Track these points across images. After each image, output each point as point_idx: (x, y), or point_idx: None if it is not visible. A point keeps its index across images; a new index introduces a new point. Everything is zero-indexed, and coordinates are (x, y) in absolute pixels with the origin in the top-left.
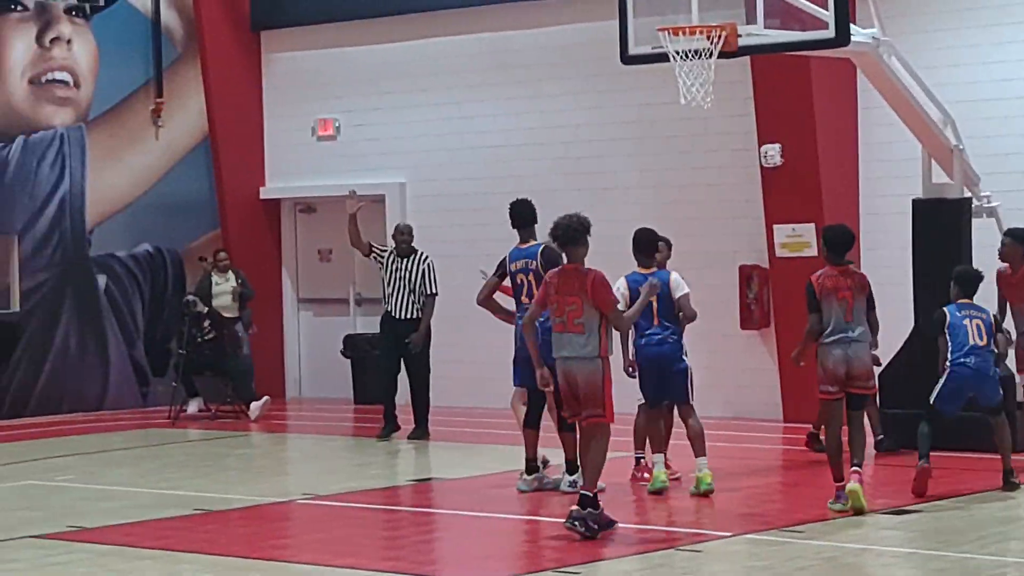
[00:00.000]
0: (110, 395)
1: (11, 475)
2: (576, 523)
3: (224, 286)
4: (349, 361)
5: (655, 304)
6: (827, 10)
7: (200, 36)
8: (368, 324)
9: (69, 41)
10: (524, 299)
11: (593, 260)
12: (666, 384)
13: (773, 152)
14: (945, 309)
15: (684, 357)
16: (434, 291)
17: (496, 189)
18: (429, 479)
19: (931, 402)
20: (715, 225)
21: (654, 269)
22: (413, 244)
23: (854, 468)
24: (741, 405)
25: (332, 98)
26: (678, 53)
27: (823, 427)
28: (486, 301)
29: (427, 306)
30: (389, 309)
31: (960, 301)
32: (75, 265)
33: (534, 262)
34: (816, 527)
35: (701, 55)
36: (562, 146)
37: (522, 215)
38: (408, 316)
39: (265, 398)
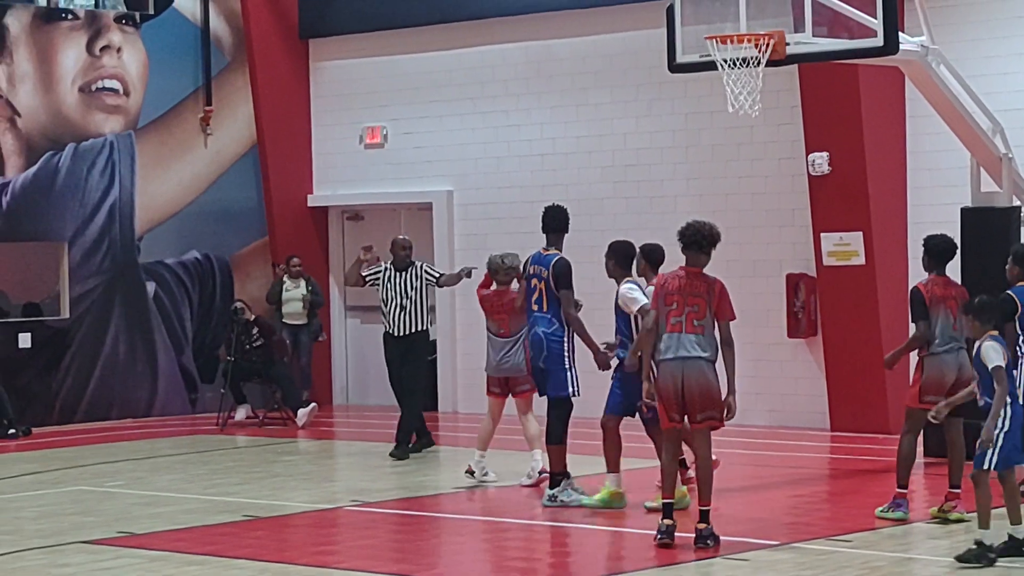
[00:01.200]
0: (159, 401)
1: (62, 480)
2: (708, 541)
3: (295, 292)
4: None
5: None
6: (875, 18)
7: (249, 45)
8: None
9: (119, 49)
10: (534, 306)
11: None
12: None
13: (821, 160)
14: (1012, 294)
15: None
16: (442, 272)
17: (543, 197)
18: (476, 486)
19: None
20: (762, 233)
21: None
22: (412, 258)
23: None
24: (787, 414)
25: (379, 106)
26: (726, 61)
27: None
28: (523, 307)
29: (446, 277)
30: (389, 329)
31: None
32: (124, 272)
33: (547, 271)
34: (863, 536)
35: (749, 63)
36: (609, 154)
37: (550, 222)
38: (409, 331)
39: (312, 405)
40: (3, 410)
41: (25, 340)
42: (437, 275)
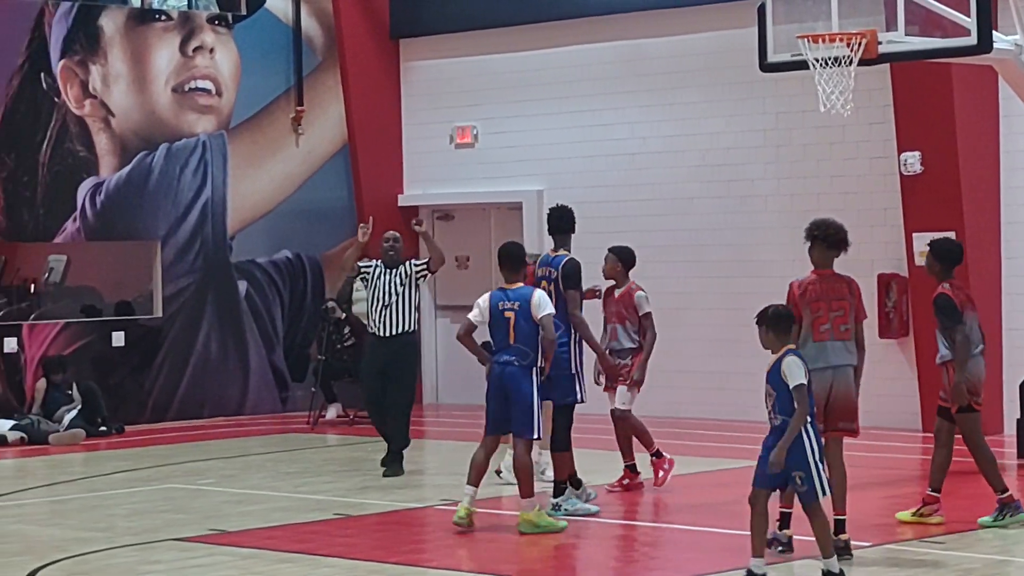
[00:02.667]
0: (250, 400)
1: (154, 478)
2: (846, 554)
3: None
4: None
5: (512, 324)
6: (969, 17)
7: (340, 44)
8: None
9: (212, 50)
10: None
11: (731, 268)
12: (509, 412)
13: (913, 160)
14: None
15: (533, 386)
16: (428, 259)
17: (633, 197)
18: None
19: None
20: (853, 233)
21: (519, 285)
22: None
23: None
24: (879, 415)
25: (470, 106)
26: (818, 61)
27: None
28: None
29: (434, 257)
30: (374, 329)
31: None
32: (216, 271)
33: (556, 272)
34: (957, 538)
35: (841, 63)
36: (699, 154)
37: (556, 223)
38: (397, 332)
39: None
40: (96, 408)
41: (118, 339)
42: (425, 262)
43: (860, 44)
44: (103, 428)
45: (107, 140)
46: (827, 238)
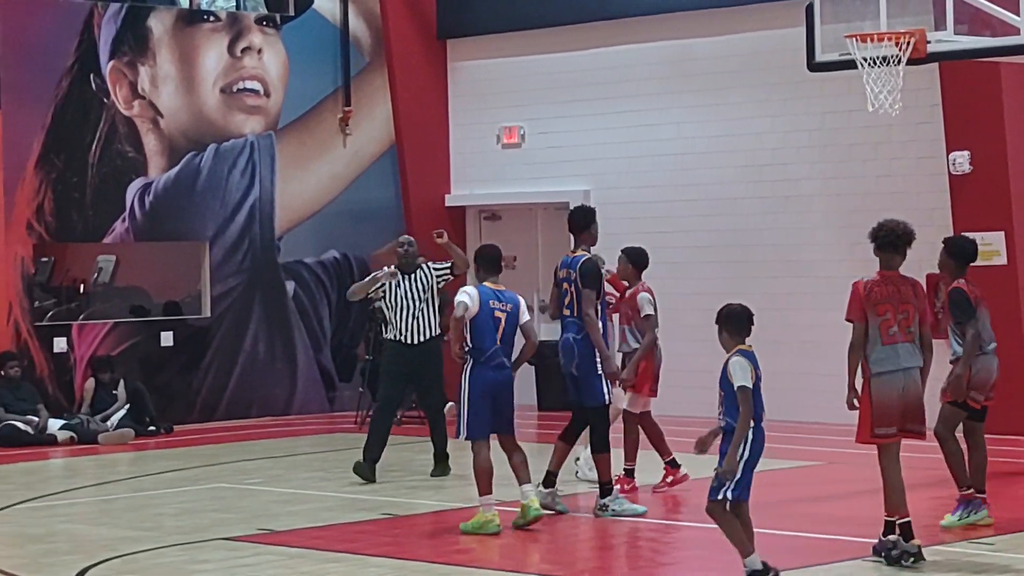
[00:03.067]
0: (297, 400)
1: (202, 478)
2: (893, 552)
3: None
4: (532, 368)
5: (502, 325)
6: (1018, 15)
7: (387, 45)
8: (550, 331)
9: (260, 51)
10: (565, 310)
11: (779, 267)
12: (499, 412)
13: (962, 159)
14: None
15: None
16: (451, 263)
17: (679, 197)
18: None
19: None
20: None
21: (502, 287)
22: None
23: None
24: (928, 415)
25: (516, 106)
26: (866, 60)
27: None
28: (555, 315)
29: (459, 259)
30: (398, 336)
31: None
32: (264, 271)
33: (574, 273)
34: (1006, 539)
35: (889, 62)
36: (745, 154)
37: (571, 222)
38: (424, 338)
39: (449, 404)
40: (144, 408)
41: (167, 339)
42: (448, 265)
43: (909, 43)
44: (152, 428)
45: (156, 141)
46: (895, 240)
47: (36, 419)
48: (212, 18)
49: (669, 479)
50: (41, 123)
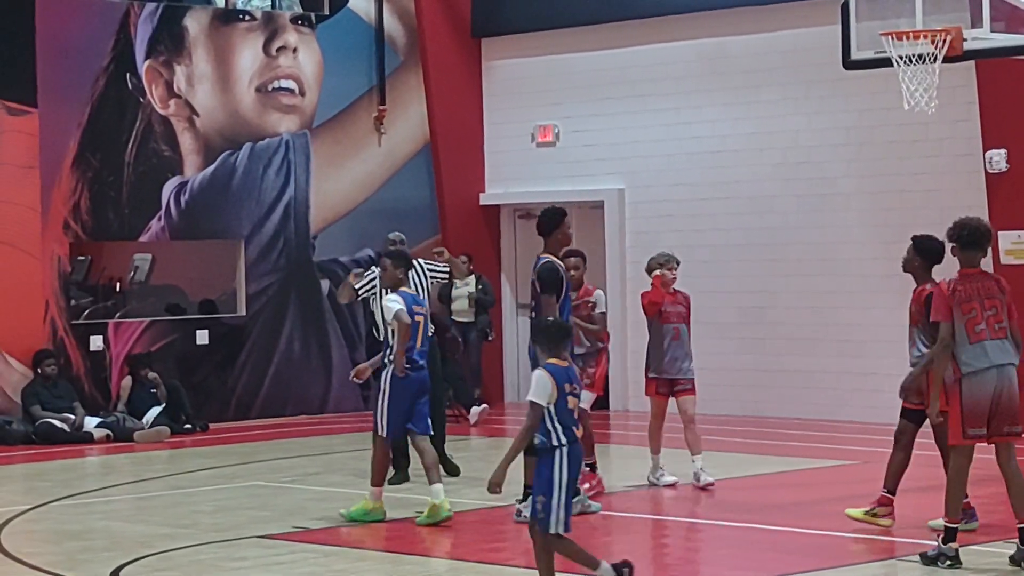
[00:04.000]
0: (332, 398)
1: (238, 475)
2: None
3: (462, 290)
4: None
5: (422, 328)
6: None
7: (422, 44)
8: None
9: (295, 50)
10: (531, 314)
11: (814, 266)
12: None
13: (999, 157)
14: None
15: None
16: (446, 267)
17: (714, 195)
18: (642, 485)
19: None
20: (936, 232)
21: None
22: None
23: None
24: None
25: (551, 104)
26: (902, 58)
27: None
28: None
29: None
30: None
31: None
32: (299, 270)
33: (534, 276)
34: None
35: (925, 60)
36: (780, 152)
37: (539, 225)
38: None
39: (484, 405)
40: (181, 405)
41: (203, 337)
42: (445, 270)
43: (945, 41)
44: (188, 425)
45: (191, 140)
46: (978, 238)
47: (72, 417)
48: (247, 17)
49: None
50: (78, 122)
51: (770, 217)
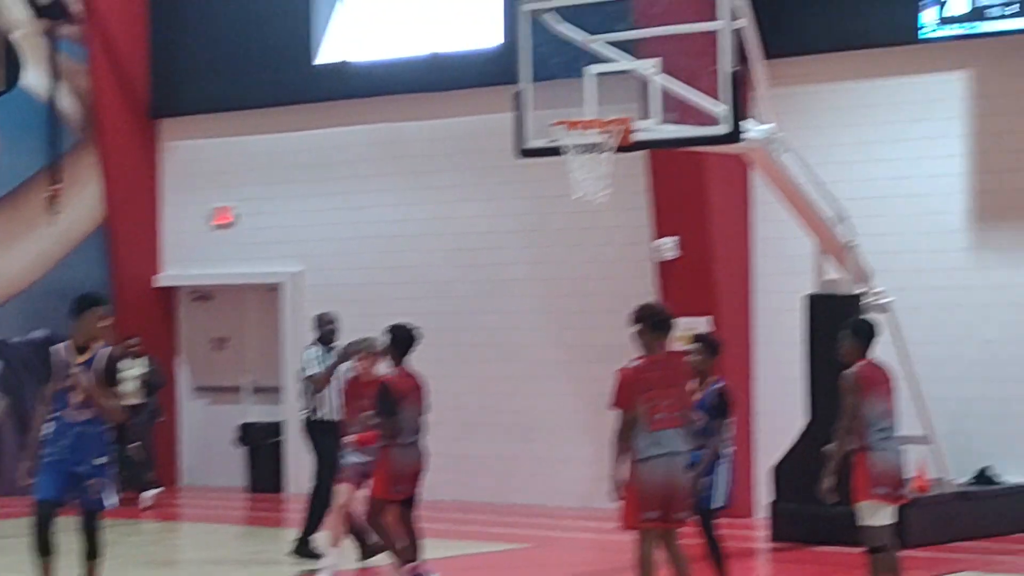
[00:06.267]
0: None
1: None
2: None
3: (132, 371)
4: (246, 449)
5: None
6: (720, 106)
7: (97, 123)
8: (261, 413)
9: None
10: None
11: (489, 351)
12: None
13: (669, 245)
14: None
15: None
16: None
17: (391, 279)
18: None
19: None
20: (607, 319)
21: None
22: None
23: None
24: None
25: (229, 186)
26: (574, 147)
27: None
28: None
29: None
30: (325, 414)
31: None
32: None
33: None
34: None
35: (597, 149)
36: (455, 237)
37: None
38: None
39: (159, 488)
40: None
41: None
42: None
43: (616, 132)
44: None
45: None
46: (667, 319)
47: None
48: None
49: None
50: None
51: (446, 301)
